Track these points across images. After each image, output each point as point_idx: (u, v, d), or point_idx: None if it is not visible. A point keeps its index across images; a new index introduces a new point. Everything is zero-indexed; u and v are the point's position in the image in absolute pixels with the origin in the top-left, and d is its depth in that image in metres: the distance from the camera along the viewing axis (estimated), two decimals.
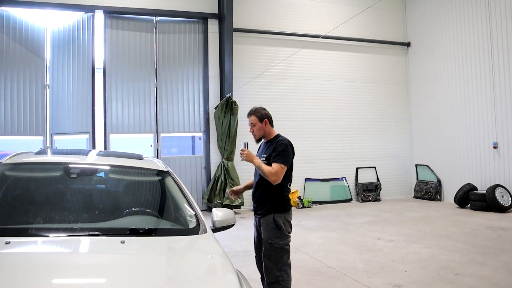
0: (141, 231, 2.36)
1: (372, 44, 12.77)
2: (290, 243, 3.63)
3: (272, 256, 3.54)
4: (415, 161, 12.91)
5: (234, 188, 4.09)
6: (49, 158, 3.25)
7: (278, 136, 3.79)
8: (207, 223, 2.85)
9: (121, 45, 10.47)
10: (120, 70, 10.41)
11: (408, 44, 13.19)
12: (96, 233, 2.32)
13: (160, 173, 3.31)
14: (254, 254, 3.91)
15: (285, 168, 3.56)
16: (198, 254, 2.39)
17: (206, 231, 2.62)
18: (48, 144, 10.09)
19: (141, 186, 3.31)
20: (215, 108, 10.70)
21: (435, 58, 12.22)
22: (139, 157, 3.63)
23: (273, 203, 3.62)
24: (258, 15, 11.47)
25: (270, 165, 3.60)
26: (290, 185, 3.74)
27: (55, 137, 10.17)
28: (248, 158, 3.64)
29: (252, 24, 11.36)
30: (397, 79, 13.15)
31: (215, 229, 2.92)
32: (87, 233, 2.32)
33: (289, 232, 3.64)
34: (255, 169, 3.86)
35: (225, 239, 6.74)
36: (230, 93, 10.51)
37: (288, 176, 3.69)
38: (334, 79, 12.25)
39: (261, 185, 3.70)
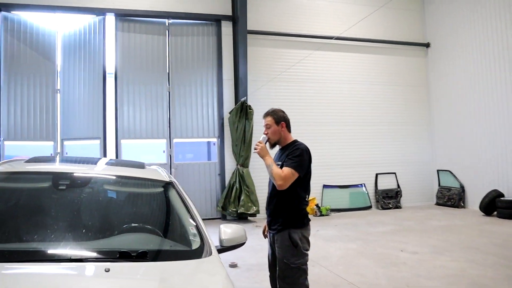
0: (133, 255, 2.00)
1: (390, 45, 12.31)
2: (307, 262, 3.26)
3: (288, 277, 3.17)
4: (437, 166, 12.36)
5: (266, 228, 3.64)
6: (36, 167, 2.93)
7: (295, 141, 3.43)
8: (214, 240, 2.51)
9: (133, 49, 10.24)
10: (131, 74, 10.17)
11: (427, 45, 12.69)
12: (78, 257, 1.95)
13: (162, 184, 2.96)
14: (268, 266, 3.55)
15: (296, 175, 3.19)
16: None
17: (211, 253, 2.26)
18: (59, 150, 9.91)
19: (139, 199, 2.95)
20: (230, 113, 10.38)
21: (456, 59, 11.70)
22: (141, 166, 3.31)
23: (288, 217, 3.24)
24: (272, 17, 11.13)
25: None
26: (308, 197, 3.36)
27: (65, 143, 9.98)
28: (261, 152, 3.33)
29: (266, 26, 11.02)
30: (416, 81, 12.65)
31: (223, 249, 2.57)
32: (68, 258, 1.98)
33: (307, 250, 3.25)
34: (269, 180, 3.51)
35: (238, 251, 6.33)
36: (245, 97, 10.18)
37: (305, 187, 3.32)
38: (351, 82, 11.83)
39: (275, 197, 3.33)
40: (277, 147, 3.55)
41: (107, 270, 1.82)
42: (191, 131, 10.47)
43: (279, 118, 3.43)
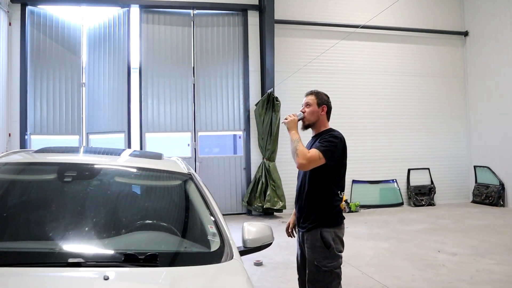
0: (141, 258, 1.70)
1: (425, 34, 11.69)
2: (341, 265, 2.92)
3: (319, 281, 2.83)
4: (474, 162, 11.71)
5: (290, 225, 3.35)
6: (42, 157, 2.69)
7: (330, 129, 3.08)
8: (238, 239, 2.22)
9: (157, 40, 10.06)
10: (156, 66, 10.00)
11: (465, 34, 12.00)
12: (77, 260, 1.66)
13: (179, 176, 2.65)
14: (297, 268, 3.24)
15: (322, 161, 2.81)
16: None
17: (232, 256, 1.95)
18: (84, 144, 9.85)
19: (153, 193, 2.64)
20: (256, 105, 10.08)
21: (496, 48, 11.01)
22: (158, 157, 3.04)
23: (320, 214, 2.89)
24: (300, 5, 10.73)
25: (317, 170, 2.89)
26: (342, 194, 3.00)
27: (90, 136, 9.92)
28: (290, 124, 3.00)
29: (294, 15, 10.64)
30: (453, 72, 11.99)
31: (246, 251, 2.27)
32: (61, 262, 1.69)
33: (340, 252, 2.90)
34: (298, 172, 3.17)
35: None
36: (272, 89, 9.85)
37: (339, 182, 2.96)
38: (383, 72, 11.31)
39: (306, 191, 2.98)
40: (309, 134, 3.19)
41: (106, 279, 1.53)
42: (216, 124, 10.23)
43: (322, 100, 3.10)
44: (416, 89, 11.58)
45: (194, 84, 10.16)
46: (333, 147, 2.85)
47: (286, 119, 3.05)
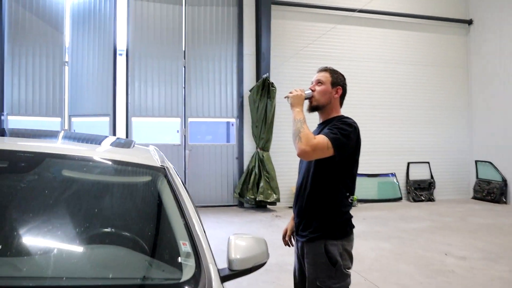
0: None
1: (427, 21, 11.07)
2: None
3: None
4: (475, 156, 11.23)
5: (288, 231, 2.74)
6: None
7: (342, 117, 2.47)
8: (219, 258, 1.66)
9: (146, 19, 9.37)
10: (144, 47, 9.33)
11: (469, 22, 11.41)
12: None
13: (149, 171, 2.05)
14: (294, 285, 2.68)
15: (330, 152, 2.22)
16: None
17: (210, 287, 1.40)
18: (66, 127, 9.21)
19: (112, 194, 1.98)
20: (250, 91, 9.47)
21: (502, 38, 10.45)
22: (127, 144, 2.45)
23: (325, 222, 2.32)
24: None
25: (324, 164, 2.32)
26: (352, 196, 2.44)
27: (73, 119, 9.26)
28: (295, 100, 2.42)
29: None
30: (455, 61, 11.42)
31: (232, 275, 1.69)
32: None
33: (349, 268, 2.35)
34: (300, 166, 2.59)
35: None
36: (267, 74, 9.23)
37: (348, 181, 2.39)
38: (382, 60, 10.72)
39: (306, 190, 2.40)
40: (315, 119, 2.60)
41: None
42: (207, 110, 9.62)
43: (337, 80, 2.50)
44: (416, 78, 11.02)
45: (184, 67, 9.52)
46: (345, 137, 2.25)
47: (290, 92, 2.48)
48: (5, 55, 8.81)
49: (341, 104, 2.55)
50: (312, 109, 2.52)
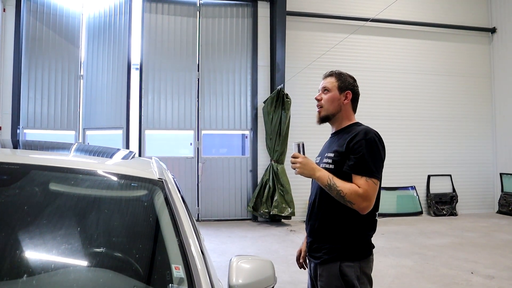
0: None
1: (448, 30, 10.79)
2: None
3: None
4: (500, 169, 10.79)
5: (302, 253, 2.46)
6: None
7: (357, 124, 2.26)
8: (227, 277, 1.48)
9: (160, 31, 9.37)
10: (158, 59, 9.31)
11: (493, 30, 11.08)
12: None
13: (145, 184, 1.87)
14: None
15: (378, 183, 2.03)
16: None
17: None
18: (80, 140, 9.21)
19: (103, 209, 1.78)
20: (264, 102, 9.33)
21: None
22: (126, 155, 2.31)
23: (342, 241, 2.09)
24: None
25: (344, 175, 2.07)
26: (377, 213, 2.17)
27: (87, 132, 9.27)
28: (305, 170, 2.12)
29: (307, 6, 9.85)
30: (478, 71, 11.07)
31: None
32: None
33: None
34: (312, 179, 2.33)
35: None
36: (282, 85, 9.09)
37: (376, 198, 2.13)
38: (402, 71, 10.46)
39: (322, 207, 2.16)
40: (326, 130, 2.38)
41: None
42: (221, 123, 9.50)
43: (345, 84, 2.28)
44: (438, 89, 10.71)
45: (198, 79, 9.45)
46: (376, 157, 2.06)
47: (294, 166, 2.17)
48: (22, 69, 8.91)
49: (354, 109, 2.33)
50: (322, 120, 2.31)
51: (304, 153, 2.18)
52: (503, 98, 10.83)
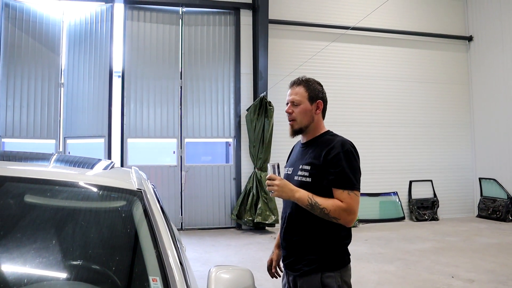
0: None
1: (427, 38, 11.02)
2: None
3: None
4: (479, 174, 11.01)
5: (273, 262, 2.46)
6: None
7: (328, 133, 2.24)
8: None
9: (143, 39, 9.33)
10: (140, 67, 9.26)
11: (470, 38, 11.35)
12: None
13: (123, 195, 1.85)
14: None
15: (357, 193, 2.02)
16: None
17: None
18: (61, 149, 9.06)
19: (77, 221, 1.74)
20: (247, 110, 9.34)
21: (502, 54, 10.37)
22: (105, 165, 2.28)
23: (321, 253, 2.07)
24: (296, 4, 10.04)
25: (322, 189, 2.06)
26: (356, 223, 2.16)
27: (68, 141, 9.13)
28: (283, 193, 2.06)
29: (290, 15, 9.95)
30: (456, 78, 11.32)
31: None
32: None
33: None
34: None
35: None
36: (265, 92, 9.12)
37: None
38: (383, 78, 10.62)
39: (299, 221, 2.13)
40: (299, 139, 2.37)
41: None
42: (204, 131, 9.48)
43: (315, 93, 2.24)
44: (417, 96, 10.90)
45: (181, 87, 9.42)
46: (355, 169, 2.05)
47: (271, 188, 2.09)
48: (0, 76, 8.74)
49: (323, 117, 2.32)
50: (295, 133, 2.28)
51: (280, 174, 2.14)
52: (480, 104, 11.06)
